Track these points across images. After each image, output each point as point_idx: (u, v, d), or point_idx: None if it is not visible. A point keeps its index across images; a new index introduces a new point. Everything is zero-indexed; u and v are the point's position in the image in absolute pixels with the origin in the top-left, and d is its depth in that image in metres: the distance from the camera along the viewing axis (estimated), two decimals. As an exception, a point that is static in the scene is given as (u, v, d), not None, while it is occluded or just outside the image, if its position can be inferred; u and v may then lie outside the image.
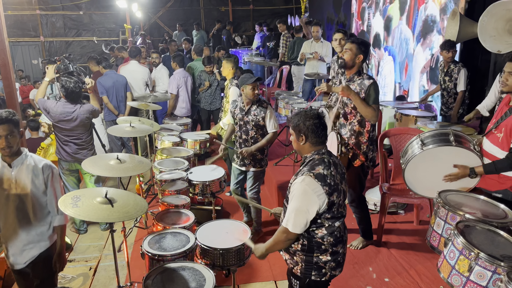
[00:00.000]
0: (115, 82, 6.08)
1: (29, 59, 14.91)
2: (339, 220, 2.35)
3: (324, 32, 11.86)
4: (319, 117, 2.35)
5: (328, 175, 2.26)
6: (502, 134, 2.81)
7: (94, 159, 3.38)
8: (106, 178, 5.96)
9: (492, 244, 2.14)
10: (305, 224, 2.27)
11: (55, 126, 4.30)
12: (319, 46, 7.17)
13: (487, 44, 4.54)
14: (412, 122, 4.98)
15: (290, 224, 2.27)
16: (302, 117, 2.35)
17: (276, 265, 3.81)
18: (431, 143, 2.97)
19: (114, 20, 14.94)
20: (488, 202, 2.64)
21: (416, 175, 3.08)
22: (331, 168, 2.30)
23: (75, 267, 4.11)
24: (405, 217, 4.41)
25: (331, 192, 2.25)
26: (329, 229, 2.32)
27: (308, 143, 2.36)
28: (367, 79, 3.39)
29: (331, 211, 2.29)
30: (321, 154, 2.35)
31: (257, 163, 4.05)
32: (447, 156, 2.93)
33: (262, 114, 3.89)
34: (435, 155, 2.95)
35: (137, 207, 2.68)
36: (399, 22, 7.19)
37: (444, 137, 2.97)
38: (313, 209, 2.24)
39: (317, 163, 2.30)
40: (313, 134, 2.32)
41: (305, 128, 2.32)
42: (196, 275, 2.60)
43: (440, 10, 5.92)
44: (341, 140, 3.49)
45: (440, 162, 2.95)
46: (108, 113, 6.17)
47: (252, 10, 15.73)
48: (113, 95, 6.07)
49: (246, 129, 3.97)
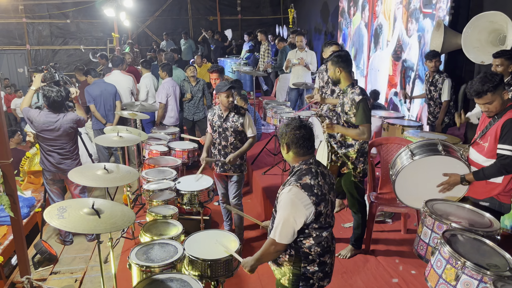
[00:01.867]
0: (103, 91, 6.03)
1: (15, 68, 14.73)
2: (326, 230, 2.35)
3: (311, 41, 11.99)
4: (304, 128, 2.35)
5: (315, 185, 2.26)
6: (488, 143, 2.87)
7: (81, 169, 3.34)
8: (93, 188, 5.90)
9: (478, 253, 2.17)
10: (293, 234, 2.27)
11: (38, 135, 4.26)
12: (303, 55, 7.24)
13: (471, 55, 4.64)
14: (399, 132, 5.04)
15: (277, 235, 2.27)
16: (286, 127, 2.37)
17: (264, 275, 3.80)
18: (420, 153, 3.00)
19: (101, 28, 14.88)
20: (474, 211, 2.68)
21: (406, 186, 3.09)
22: (318, 178, 2.30)
23: (60, 279, 4.04)
24: (392, 225, 4.44)
25: (318, 202, 2.25)
26: (317, 239, 2.32)
27: (292, 153, 2.37)
28: (357, 95, 3.40)
29: (319, 221, 2.29)
30: (308, 164, 2.35)
31: (237, 168, 4.15)
32: (436, 165, 2.96)
33: (241, 120, 4.02)
34: (425, 165, 2.98)
35: (125, 218, 2.64)
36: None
37: (433, 147, 3.01)
38: (300, 220, 2.24)
39: (304, 173, 2.30)
40: (295, 145, 2.33)
41: (287, 139, 2.35)
42: (184, 286, 2.57)
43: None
44: (331, 148, 3.52)
45: (429, 171, 2.98)
46: (96, 122, 6.12)
47: (240, 20, 15.83)
48: (100, 104, 6.01)
49: (225, 135, 4.06)
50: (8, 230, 4.54)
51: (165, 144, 5.51)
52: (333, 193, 2.44)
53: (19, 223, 3.80)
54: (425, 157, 2.96)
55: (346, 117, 3.50)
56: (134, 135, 4.55)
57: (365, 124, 3.38)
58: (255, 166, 6.01)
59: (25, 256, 3.93)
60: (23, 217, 4.61)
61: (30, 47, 14.56)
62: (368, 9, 8.04)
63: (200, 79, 6.64)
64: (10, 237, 4.36)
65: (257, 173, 5.76)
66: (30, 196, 5.40)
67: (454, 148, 3.05)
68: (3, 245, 4.31)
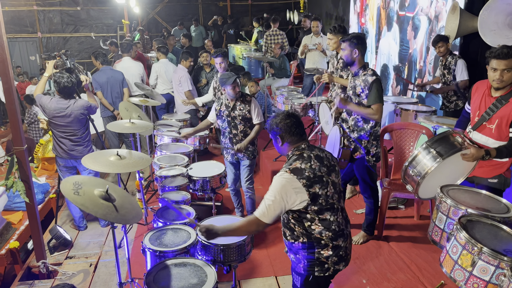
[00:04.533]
0: (110, 78, 6.00)
1: (27, 55, 14.83)
2: (331, 212, 2.34)
3: (323, 26, 11.83)
4: (292, 116, 2.43)
5: (307, 168, 2.30)
6: (494, 125, 2.83)
7: (94, 155, 3.36)
8: (106, 175, 5.95)
9: (495, 239, 2.14)
10: (277, 216, 2.32)
11: (50, 122, 4.29)
12: (319, 41, 7.14)
13: (488, 38, 4.52)
14: (412, 117, 4.97)
15: (262, 214, 2.30)
16: (275, 120, 2.44)
17: (276, 260, 3.82)
18: (445, 151, 2.77)
19: (111, 15, 14.85)
20: (490, 197, 2.63)
21: (428, 185, 2.87)
22: (311, 161, 2.34)
23: (76, 264, 4.11)
24: (405, 212, 4.41)
25: (310, 184, 2.27)
26: (324, 223, 2.33)
27: (287, 143, 2.44)
28: (370, 76, 3.38)
29: (318, 203, 2.29)
30: (300, 149, 2.41)
31: (250, 154, 4.18)
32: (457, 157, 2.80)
33: (248, 107, 4.04)
34: (448, 162, 2.78)
35: (133, 213, 2.66)
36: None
37: (452, 140, 2.84)
38: (289, 202, 2.28)
39: (295, 158, 2.37)
40: (289, 134, 2.41)
41: (279, 130, 2.41)
42: (197, 271, 2.59)
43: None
44: (343, 133, 3.50)
45: (450, 165, 2.82)
46: (104, 109, 6.13)
47: (250, 5, 15.65)
48: (107, 91, 6.00)
49: (235, 124, 4.08)
50: (23, 216, 4.62)
51: (176, 130, 5.52)
52: (335, 174, 2.44)
53: (34, 208, 3.86)
54: (451, 155, 2.75)
55: (358, 99, 3.47)
56: (146, 122, 4.56)
57: (378, 103, 3.36)
58: (266, 153, 6.00)
59: (41, 241, 4.00)
60: (38, 203, 4.68)
61: (41, 35, 14.62)
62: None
63: (214, 66, 6.60)
64: (26, 222, 4.43)
65: (268, 160, 5.74)
66: (45, 182, 5.47)
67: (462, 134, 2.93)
68: (19, 230, 4.39)
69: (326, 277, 2.42)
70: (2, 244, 4.05)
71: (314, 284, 2.43)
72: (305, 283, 2.44)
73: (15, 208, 4.75)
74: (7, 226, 4.24)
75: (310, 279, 2.40)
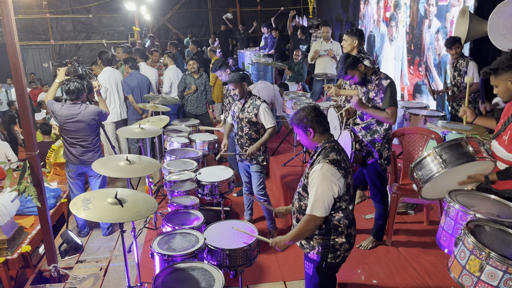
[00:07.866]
0: (140, 82, 6.21)
1: (40, 63, 15.10)
2: (352, 203, 2.54)
3: (333, 32, 11.84)
4: (316, 108, 2.56)
5: (341, 160, 2.46)
6: (507, 136, 2.73)
7: (104, 160, 3.41)
8: (116, 180, 6.01)
9: (503, 244, 2.12)
10: (330, 207, 2.42)
11: (61, 128, 4.35)
12: (329, 46, 7.15)
13: (497, 42, 4.50)
14: (422, 122, 4.94)
15: (317, 210, 2.41)
16: (302, 113, 2.53)
17: (285, 265, 3.81)
18: (451, 160, 2.69)
19: (123, 22, 15.07)
20: (499, 202, 2.60)
21: (432, 188, 2.86)
22: (341, 154, 2.50)
23: (86, 268, 4.15)
24: (415, 217, 4.38)
25: (346, 175, 2.44)
26: (345, 212, 2.49)
27: (317, 134, 2.53)
28: (384, 79, 3.41)
29: (349, 192, 2.48)
30: (330, 142, 2.53)
31: (258, 159, 4.15)
32: (466, 167, 2.71)
33: (255, 111, 4.03)
34: (454, 171, 2.72)
35: (147, 206, 2.70)
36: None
37: (462, 149, 2.72)
38: (335, 192, 2.40)
39: (330, 150, 2.48)
40: (318, 124, 2.51)
41: (309, 122, 2.50)
42: (205, 275, 2.61)
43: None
44: (355, 137, 3.50)
45: (457, 174, 2.74)
46: (133, 112, 6.25)
47: (260, 11, 15.74)
48: (137, 94, 6.18)
49: (241, 125, 4.13)
50: (35, 220, 4.67)
51: (185, 136, 5.57)
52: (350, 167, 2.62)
53: (46, 213, 3.92)
54: (457, 165, 2.67)
55: (372, 103, 3.46)
56: (156, 127, 4.60)
57: (392, 107, 3.38)
58: (275, 158, 6.01)
59: (52, 245, 4.05)
60: (50, 207, 4.73)
61: (54, 42, 14.87)
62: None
63: (203, 73, 6.65)
64: (38, 227, 4.48)
65: (277, 165, 5.75)
66: (56, 187, 5.54)
67: (479, 142, 2.78)
68: (31, 234, 4.44)
69: (337, 264, 2.55)
70: (15, 248, 4.11)
71: (326, 270, 2.55)
72: (318, 269, 2.55)
73: (27, 212, 4.81)
74: (19, 231, 4.29)
75: (324, 266, 2.52)
